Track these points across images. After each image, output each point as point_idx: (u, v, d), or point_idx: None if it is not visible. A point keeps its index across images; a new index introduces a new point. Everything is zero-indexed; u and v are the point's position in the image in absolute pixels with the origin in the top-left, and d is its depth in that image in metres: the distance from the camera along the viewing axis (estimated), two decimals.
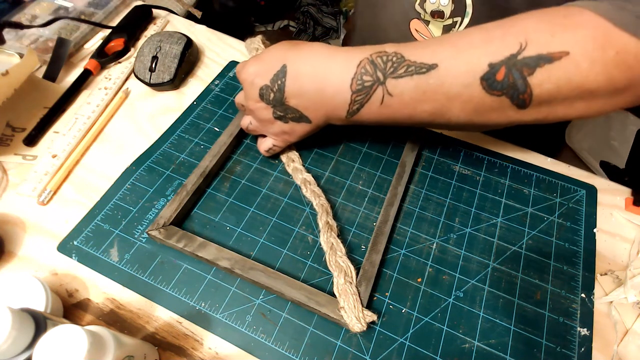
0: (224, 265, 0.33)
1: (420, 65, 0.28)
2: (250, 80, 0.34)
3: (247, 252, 0.35)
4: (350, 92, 0.30)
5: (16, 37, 0.49)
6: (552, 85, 0.26)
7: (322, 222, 0.35)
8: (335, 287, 0.31)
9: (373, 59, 0.30)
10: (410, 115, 0.31)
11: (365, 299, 0.31)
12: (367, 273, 0.33)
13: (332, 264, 0.33)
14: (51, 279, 0.34)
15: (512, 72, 0.26)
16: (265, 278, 0.32)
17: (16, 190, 0.38)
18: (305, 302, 0.31)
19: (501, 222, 0.38)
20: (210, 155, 0.39)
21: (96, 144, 0.43)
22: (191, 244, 0.34)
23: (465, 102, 0.28)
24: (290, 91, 0.32)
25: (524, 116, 0.28)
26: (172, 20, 0.55)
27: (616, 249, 0.37)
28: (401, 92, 0.29)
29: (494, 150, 0.43)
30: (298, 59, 0.32)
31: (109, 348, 0.23)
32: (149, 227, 0.35)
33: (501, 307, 0.33)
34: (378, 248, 0.34)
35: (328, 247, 0.34)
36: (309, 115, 0.33)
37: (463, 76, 0.27)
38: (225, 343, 0.31)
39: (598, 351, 0.31)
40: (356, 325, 0.30)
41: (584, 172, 0.41)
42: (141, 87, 0.47)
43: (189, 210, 0.37)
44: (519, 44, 0.26)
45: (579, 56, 0.25)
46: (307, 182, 0.38)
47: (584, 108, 0.27)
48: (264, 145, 0.39)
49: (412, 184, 0.40)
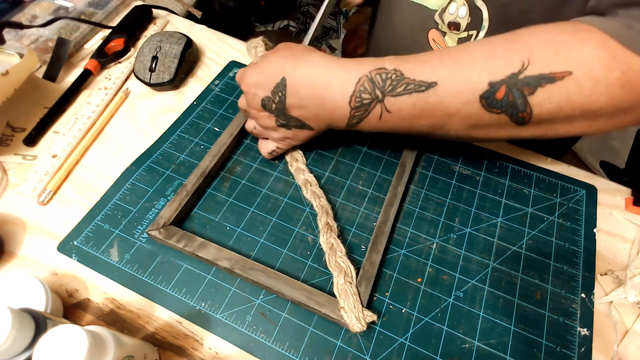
0: (224, 265, 0.33)
1: (419, 84, 0.28)
2: (253, 91, 0.34)
3: (247, 252, 0.35)
4: (349, 108, 0.30)
5: (16, 37, 0.49)
6: (552, 106, 0.25)
7: (322, 223, 0.35)
8: (335, 287, 0.31)
9: (372, 77, 0.29)
10: (409, 128, 0.31)
11: (365, 299, 0.31)
12: (367, 273, 0.33)
13: (332, 264, 0.33)
14: (51, 279, 0.34)
15: (512, 92, 0.25)
16: (265, 278, 0.32)
17: (16, 190, 0.38)
18: (305, 302, 0.31)
19: (501, 222, 0.38)
20: (210, 155, 0.39)
21: (96, 144, 0.43)
22: (191, 244, 0.34)
23: (463, 119, 0.28)
24: (291, 103, 0.32)
25: (523, 132, 0.28)
26: (172, 20, 0.55)
27: (616, 249, 0.37)
28: (399, 109, 0.29)
29: (494, 151, 0.43)
30: (296, 72, 0.32)
31: (109, 348, 0.23)
32: (149, 227, 0.35)
33: (501, 307, 0.33)
34: (378, 248, 0.34)
35: (328, 248, 0.34)
36: (311, 124, 0.34)
37: (462, 94, 0.27)
38: (225, 343, 0.31)
39: (598, 351, 0.31)
40: (356, 325, 0.30)
41: (584, 172, 0.41)
42: (141, 87, 0.47)
43: (189, 211, 0.37)
44: (521, 63, 0.25)
45: (583, 76, 0.24)
46: (308, 182, 0.38)
47: (586, 126, 0.27)
48: (266, 148, 0.39)
49: (412, 184, 0.40)
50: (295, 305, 0.33)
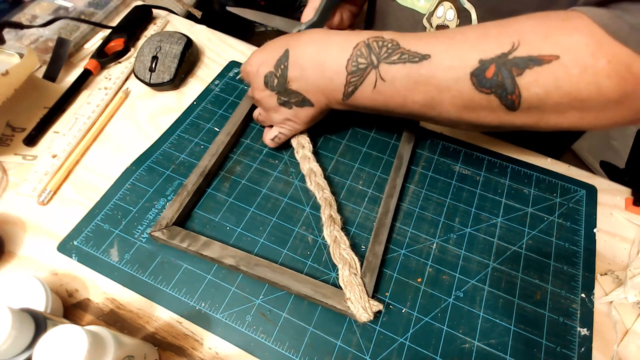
0: (229, 262, 0.33)
1: (413, 54, 0.29)
2: (255, 70, 0.36)
3: (248, 252, 0.35)
4: (345, 72, 0.31)
5: (16, 37, 0.49)
6: (540, 90, 0.25)
7: (325, 215, 0.35)
8: (340, 279, 0.32)
9: (369, 43, 0.31)
10: (402, 104, 0.31)
11: (371, 289, 0.32)
12: (370, 264, 0.33)
13: (337, 257, 0.33)
14: (51, 279, 0.34)
15: (501, 71, 0.26)
16: (271, 273, 0.32)
17: (16, 190, 0.38)
18: (312, 295, 0.31)
19: (501, 222, 0.38)
20: (209, 155, 0.39)
21: (96, 144, 0.42)
22: (195, 244, 0.34)
23: (455, 97, 0.28)
24: (292, 75, 0.34)
25: (515, 119, 0.28)
26: (172, 20, 0.55)
27: (616, 249, 0.37)
28: (393, 78, 0.30)
29: (494, 150, 0.43)
30: (299, 43, 0.34)
31: (109, 348, 0.23)
32: (151, 229, 0.35)
33: (501, 307, 0.33)
34: (380, 239, 0.35)
35: (332, 240, 0.34)
36: (310, 99, 0.35)
37: (454, 70, 0.27)
38: (225, 343, 0.31)
39: (598, 351, 0.31)
40: (363, 315, 0.30)
41: (584, 172, 0.41)
42: (141, 87, 0.47)
43: (190, 211, 0.37)
44: (512, 44, 0.26)
45: (570, 61, 0.24)
46: (312, 172, 0.38)
47: (577, 119, 0.27)
48: (269, 135, 0.40)
49: (412, 184, 0.40)
50: (295, 305, 0.33)
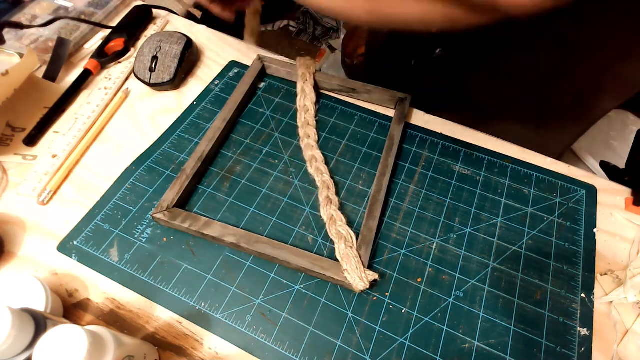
0: (230, 240, 0.34)
1: None
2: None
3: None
4: None
5: (16, 37, 0.49)
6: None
7: (322, 196, 0.37)
8: (337, 253, 0.33)
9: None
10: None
11: (366, 261, 0.33)
12: (365, 238, 0.34)
13: (333, 233, 0.34)
14: (51, 279, 0.34)
15: None
16: (271, 249, 0.33)
17: (16, 190, 0.38)
18: (310, 267, 0.32)
19: (501, 222, 0.38)
20: (206, 140, 0.40)
21: (96, 144, 0.43)
22: (196, 224, 0.34)
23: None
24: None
25: None
26: (172, 20, 0.55)
27: (616, 249, 0.37)
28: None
29: (494, 151, 0.43)
30: None
31: (109, 348, 0.23)
32: (153, 211, 0.35)
33: (501, 307, 0.33)
34: (374, 214, 0.36)
35: (328, 219, 0.35)
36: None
37: None
38: (225, 343, 0.31)
39: (598, 351, 0.31)
40: (359, 284, 0.31)
41: (584, 172, 0.41)
42: (141, 87, 0.47)
43: (189, 211, 0.37)
44: None
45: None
46: (314, 158, 0.39)
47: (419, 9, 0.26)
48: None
49: (412, 184, 0.40)
50: (295, 305, 0.33)
